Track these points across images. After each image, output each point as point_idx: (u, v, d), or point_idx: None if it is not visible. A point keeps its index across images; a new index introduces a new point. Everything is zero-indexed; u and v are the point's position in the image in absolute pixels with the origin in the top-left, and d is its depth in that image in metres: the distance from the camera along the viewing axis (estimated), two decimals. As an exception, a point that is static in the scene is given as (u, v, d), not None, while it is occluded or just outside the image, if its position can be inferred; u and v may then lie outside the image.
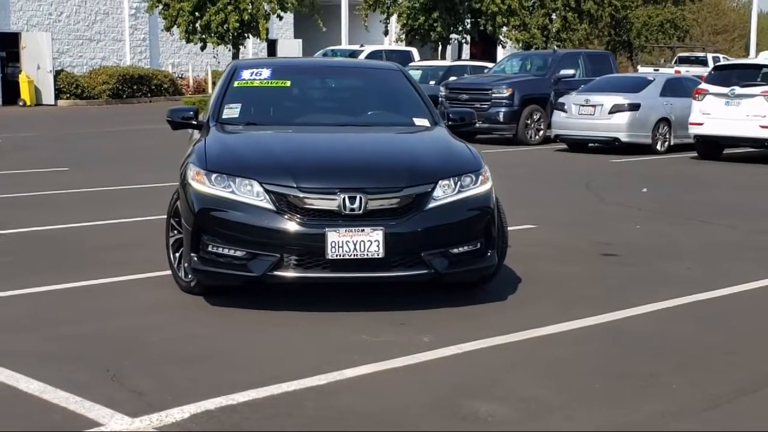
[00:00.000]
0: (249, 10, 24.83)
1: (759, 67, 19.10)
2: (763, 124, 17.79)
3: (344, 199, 6.42)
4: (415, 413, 4.78)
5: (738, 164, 18.13)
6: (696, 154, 19.05)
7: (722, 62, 20.18)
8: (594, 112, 19.63)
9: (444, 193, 6.66)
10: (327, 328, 6.26)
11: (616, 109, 19.53)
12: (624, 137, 19.47)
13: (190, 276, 7.01)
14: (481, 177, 6.88)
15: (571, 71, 22.26)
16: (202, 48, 26.52)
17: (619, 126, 19.47)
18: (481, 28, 31.28)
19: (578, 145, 20.02)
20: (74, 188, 13.28)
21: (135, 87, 34.70)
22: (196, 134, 8.23)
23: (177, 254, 7.25)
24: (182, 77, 38.40)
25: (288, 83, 8.19)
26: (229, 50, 26.61)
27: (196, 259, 6.63)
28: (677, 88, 20.57)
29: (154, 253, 8.54)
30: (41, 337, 6.07)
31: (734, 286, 7.60)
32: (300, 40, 40.35)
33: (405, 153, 7.03)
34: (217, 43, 25.68)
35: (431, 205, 6.59)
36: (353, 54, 26.33)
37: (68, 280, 7.54)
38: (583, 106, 19.75)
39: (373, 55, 25.58)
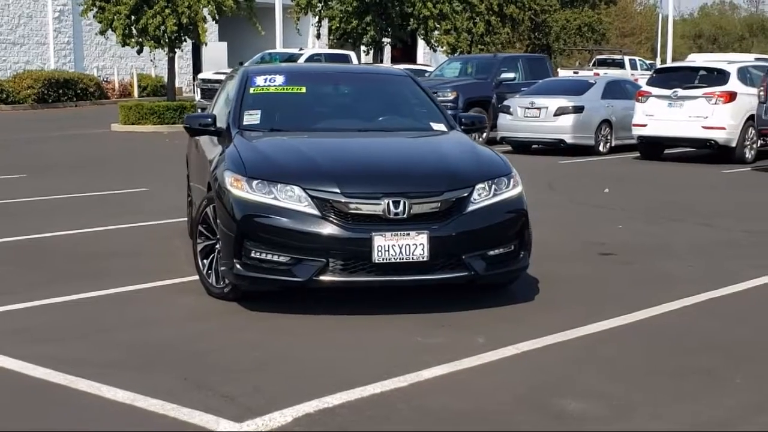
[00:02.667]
0: (187, 14, 24.65)
1: (698, 69, 19.74)
2: (705, 124, 18.42)
3: (388, 203, 6.55)
4: (507, 411, 4.93)
5: (679, 164, 18.71)
6: (638, 155, 19.61)
7: (663, 65, 20.74)
8: (539, 115, 20.05)
9: (480, 197, 6.84)
10: (378, 332, 6.37)
11: (560, 112, 19.98)
12: (569, 139, 19.93)
13: (223, 282, 7.07)
14: (512, 180, 7.09)
15: (512, 74, 22.67)
16: (139, 52, 26.24)
17: (564, 128, 19.93)
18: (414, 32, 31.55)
19: (522, 147, 20.40)
20: (40, 195, 13.12)
21: (61, 91, 34.09)
22: (206, 141, 8.27)
23: (205, 261, 7.30)
24: (108, 81, 37.86)
25: (303, 89, 8.29)
26: (167, 53, 26.39)
27: (239, 265, 6.68)
28: (617, 90, 21.16)
29: (156, 261, 8.63)
30: (94, 346, 6.06)
31: (740, 283, 7.89)
32: (225, 43, 40.12)
33: (441, 157, 7.18)
34: (154, 46, 25.44)
35: (470, 208, 6.76)
36: (292, 58, 26.33)
37: (86, 290, 7.49)
38: (528, 108, 20.14)
39: (311, 59, 25.62)
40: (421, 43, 44.33)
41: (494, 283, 7.22)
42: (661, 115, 18.84)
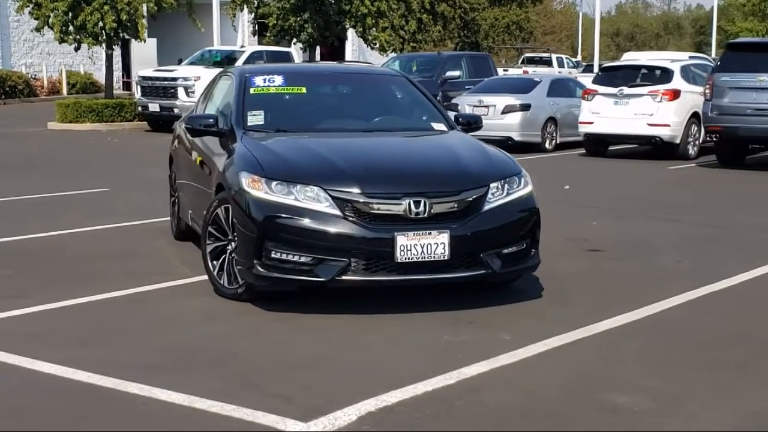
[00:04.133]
0: (127, 10, 24.36)
1: (639, 68, 20.19)
2: (650, 122, 18.84)
3: (409, 203, 6.63)
4: (561, 407, 5.04)
5: (625, 160, 19.09)
6: (583, 151, 19.97)
7: (608, 63, 21.15)
8: (487, 113, 20.24)
9: (494, 196, 6.96)
10: (403, 330, 6.44)
11: (508, 110, 20.25)
12: (516, 136, 20.21)
13: (236, 283, 7.08)
14: (523, 179, 7.22)
15: (457, 72, 22.90)
16: (77, 49, 25.84)
17: (511, 126, 20.20)
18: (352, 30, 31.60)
19: (470, 145, 20.58)
20: (6, 196, 12.89)
21: (-11, 89, 33.41)
22: (206, 141, 8.19)
23: (215, 262, 7.29)
24: (36, 78, 37.16)
25: (303, 89, 8.33)
26: (105, 50, 26.03)
27: (259, 266, 6.70)
28: (561, 88, 21.52)
29: (149, 263, 8.64)
30: (124, 348, 6.03)
31: (733, 277, 8.12)
32: (155, 40, 39.65)
33: (455, 157, 7.28)
34: (92, 43, 25.08)
35: (486, 207, 6.88)
36: (232, 55, 26.19)
37: (92, 293, 7.43)
38: (476, 106, 20.35)
39: (253, 57, 25.50)
40: (349, 42, 44.39)
41: (504, 280, 7.34)
42: (607, 113, 19.21)
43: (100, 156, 19.39)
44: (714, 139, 17.60)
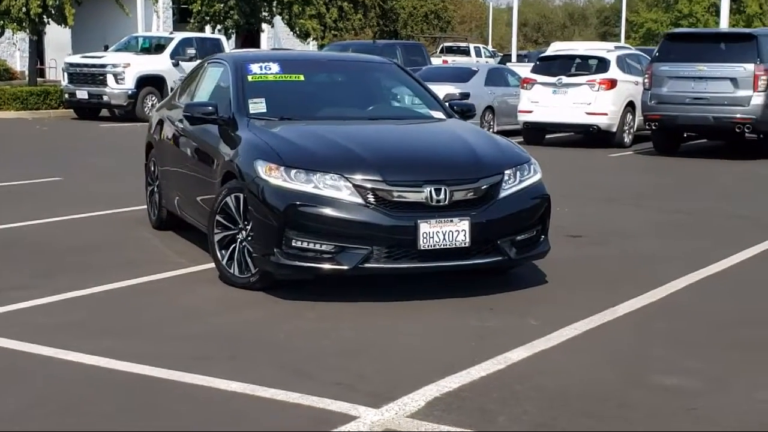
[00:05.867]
0: (53, -5, 23.86)
1: (579, 57, 20.55)
2: (588, 110, 19.23)
3: (431, 191, 6.68)
4: (617, 389, 5.14)
5: (564, 148, 19.44)
6: (521, 139, 20.22)
7: (546, 54, 21.46)
8: (427, 101, 20.36)
9: (507, 184, 7.05)
10: (430, 317, 6.48)
11: (448, 99, 20.25)
12: (456, 125, 20.34)
13: (247, 272, 7.04)
14: (533, 167, 7.33)
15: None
16: (0, 34, 25.17)
17: (452, 114, 20.32)
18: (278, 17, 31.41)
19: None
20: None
21: None
22: (201, 130, 8.05)
23: (224, 251, 7.24)
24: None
25: (301, 77, 8.30)
26: (30, 36, 25.42)
27: (279, 254, 6.67)
28: (498, 78, 21.81)
29: (141, 253, 8.63)
30: (158, 338, 5.96)
31: (720, 261, 8.36)
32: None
33: (467, 145, 7.33)
34: (16, 29, 24.47)
35: (502, 194, 6.97)
36: (160, 42, 25.81)
37: (100, 282, 7.30)
38: (416, 95, 20.43)
39: (184, 43, 25.17)
40: (265, 31, 44.05)
41: (512, 266, 7.45)
42: (546, 102, 19.53)
43: (36, 145, 18.98)
44: (653, 127, 18.01)
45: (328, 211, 6.61)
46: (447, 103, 8.59)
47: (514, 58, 39.52)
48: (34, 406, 4.82)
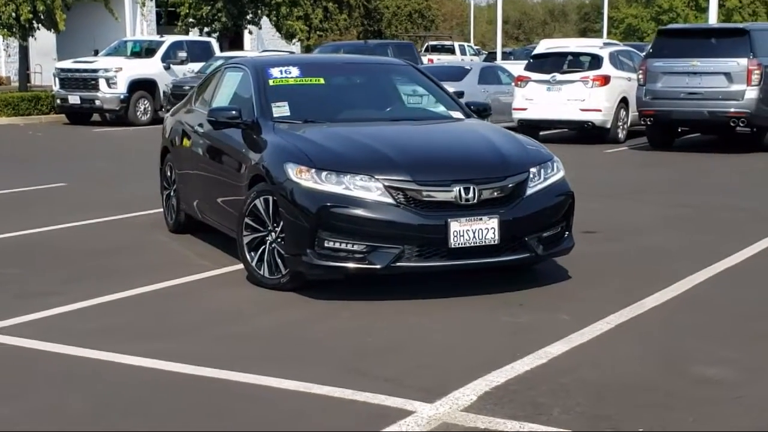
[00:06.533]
0: (44, 0, 23.80)
1: (572, 54, 20.70)
2: (582, 107, 19.39)
3: (460, 190, 6.81)
4: (662, 380, 5.26)
5: (559, 144, 19.41)
6: (516, 137, 20.35)
7: (540, 51, 21.60)
8: (422, 101, 20.46)
9: (533, 181, 7.19)
10: (463, 314, 6.61)
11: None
12: (451, 123, 20.48)
13: (278, 273, 7.14)
14: (556, 165, 7.48)
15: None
16: (-10, 41, 25.17)
17: (447, 113, 20.45)
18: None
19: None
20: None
21: None
22: (224, 134, 8.12)
23: (253, 253, 7.33)
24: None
25: (322, 80, 8.41)
26: (20, 42, 25.40)
27: (312, 255, 6.78)
28: (490, 76, 21.95)
29: (161, 256, 8.68)
30: (202, 340, 6.05)
31: (732, 255, 8.48)
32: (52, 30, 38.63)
33: (492, 144, 7.46)
34: (6, 35, 24.45)
35: (528, 192, 7.10)
36: (150, 45, 25.83)
37: (125, 288, 7.36)
38: (410, 95, 20.53)
39: (174, 47, 25.20)
40: (253, 33, 44.10)
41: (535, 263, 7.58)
42: (540, 99, 19.69)
43: (33, 151, 19.01)
44: (649, 122, 18.18)
45: (360, 212, 6.73)
46: (465, 103, 8.71)
47: (499, 55, 39.69)
48: (103, 407, 4.93)
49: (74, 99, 24.05)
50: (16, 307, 6.85)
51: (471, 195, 6.83)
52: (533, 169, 7.22)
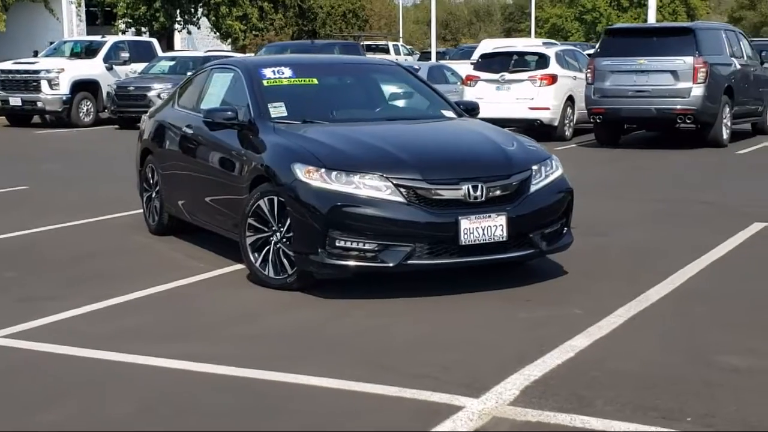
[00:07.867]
0: (-18, 1, 23.38)
1: (519, 54, 20.96)
2: (531, 105, 19.66)
3: (468, 188, 6.89)
4: (692, 371, 5.36)
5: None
6: (465, 136, 20.55)
7: (487, 51, 21.83)
8: (372, 100, 20.57)
9: (536, 179, 7.30)
10: (479, 311, 6.67)
11: (394, 98, 20.57)
12: (401, 123, 20.59)
13: (283, 273, 7.15)
14: (554, 163, 7.60)
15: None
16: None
17: (396, 112, 20.56)
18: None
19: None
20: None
21: None
22: (226, 135, 8.05)
23: (257, 254, 7.33)
24: None
25: (315, 80, 8.42)
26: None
27: (324, 255, 6.80)
28: (438, 75, 22.22)
29: (151, 258, 8.59)
30: (222, 341, 6.02)
31: (718, 246, 8.70)
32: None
33: (493, 143, 7.55)
34: (-57, 36, 23.89)
35: (532, 189, 7.22)
36: (92, 45, 25.46)
37: (127, 291, 7.29)
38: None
39: (116, 47, 24.88)
40: (187, 33, 43.72)
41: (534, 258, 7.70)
42: (490, 98, 19.82)
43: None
44: (597, 120, 18.48)
45: (371, 211, 6.76)
46: (455, 102, 8.80)
47: (433, 56, 39.93)
48: (147, 410, 4.89)
49: (15, 101, 23.63)
50: (23, 311, 6.75)
51: (479, 192, 6.91)
52: (535, 167, 7.34)
